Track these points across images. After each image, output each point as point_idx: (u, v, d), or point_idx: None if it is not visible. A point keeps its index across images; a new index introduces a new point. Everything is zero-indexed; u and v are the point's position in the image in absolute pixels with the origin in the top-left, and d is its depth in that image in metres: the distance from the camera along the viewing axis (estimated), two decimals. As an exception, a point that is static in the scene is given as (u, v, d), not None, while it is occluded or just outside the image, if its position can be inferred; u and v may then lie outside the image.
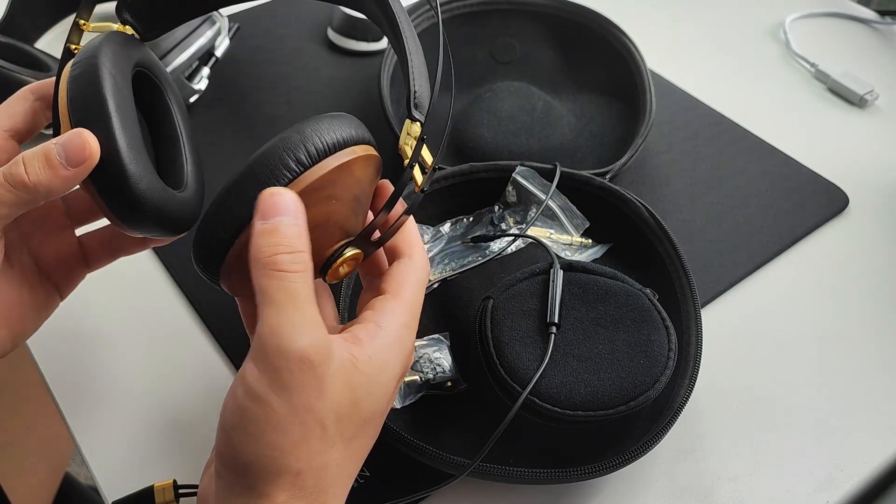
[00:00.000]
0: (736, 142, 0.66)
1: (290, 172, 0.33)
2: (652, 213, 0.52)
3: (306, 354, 0.29)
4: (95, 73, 0.35)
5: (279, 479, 0.30)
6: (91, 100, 0.35)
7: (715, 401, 0.49)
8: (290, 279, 0.30)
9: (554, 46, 0.71)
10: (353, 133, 0.35)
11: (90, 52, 0.37)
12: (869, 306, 0.55)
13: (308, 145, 0.33)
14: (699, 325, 0.47)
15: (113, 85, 0.36)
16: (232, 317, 0.53)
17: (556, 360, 0.42)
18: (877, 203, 0.62)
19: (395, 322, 0.34)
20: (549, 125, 0.63)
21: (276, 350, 0.29)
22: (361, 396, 0.32)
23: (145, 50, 0.42)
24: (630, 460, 0.41)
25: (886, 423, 0.48)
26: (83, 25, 0.40)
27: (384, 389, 0.33)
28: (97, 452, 0.47)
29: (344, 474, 0.33)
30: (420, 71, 0.36)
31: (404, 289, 0.35)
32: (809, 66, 0.75)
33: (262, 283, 0.31)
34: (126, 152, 0.35)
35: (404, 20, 0.37)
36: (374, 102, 0.62)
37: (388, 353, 0.33)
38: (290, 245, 0.31)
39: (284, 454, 0.30)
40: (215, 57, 0.69)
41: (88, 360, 0.51)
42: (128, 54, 0.39)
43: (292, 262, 0.31)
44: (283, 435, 0.30)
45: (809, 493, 0.45)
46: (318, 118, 0.34)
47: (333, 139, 0.34)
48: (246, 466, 0.30)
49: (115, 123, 0.35)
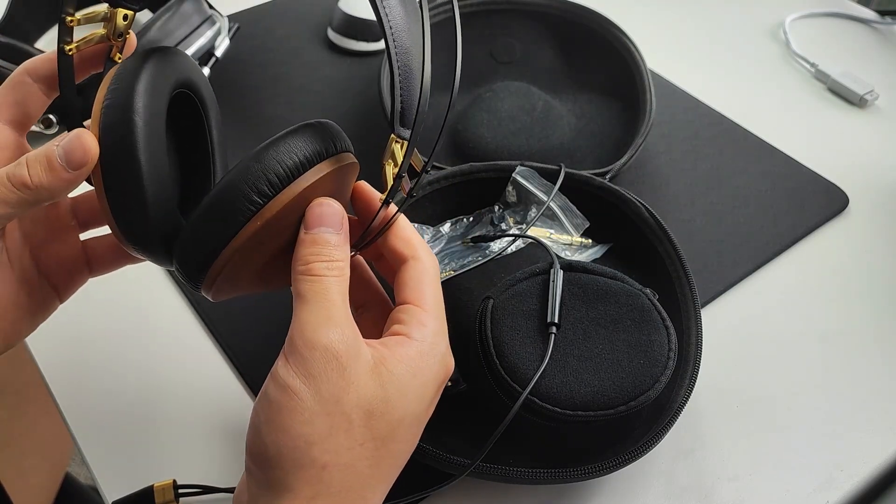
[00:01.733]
0: (736, 142, 0.66)
1: (253, 206, 0.32)
2: (652, 213, 0.52)
3: (333, 346, 0.31)
4: (129, 129, 0.34)
5: (304, 471, 0.30)
6: (121, 158, 0.34)
7: (715, 401, 0.49)
8: (323, 283, 0.32)
9: (554, 46, 0.71)
10: (317, 148, 0.34)
11: (126, 76, 0.35)
12: (869, 306, 0.55)
13: (270, 175, 0.32)
14: (699, 325, 0.47)
15: (146, 136, 0.34)
16: (232, 317, 0.53)
17: (556, 360, 0.42)
18: (877, 203, 0.62)
19: (424, 332, 0.34)
20: (549, 125, 0.63)
21: (305, 342, 0.31)
22: (392, 395, 0.32)
23: (187, 64, 0.40)
24: (630, 460, 0.41)
25: (886, 423, 0.48)
26: (71, 21, 0.37)
27: (419, 394, 0.33)
28: (97, 452, 0.47)
29: (376, 476, 0.32)
30: (406, 83, 0.35)
31: (425, 294, 0.35)
32: (809, 66, 0.75)
33: (297, 288, 0.32)
34: (148, 188, 0.34)
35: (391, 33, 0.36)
36: (374, 102, 0.62)
37: (421, 361, 0.33)
38: (329, 255, 0.33)
39: (310, 445, 0.30)
40: (215, 57, 0.69)
41: (88, 360, 0.51)
42: (165, 78, 0.37)
43: (327, 269, 0.32)
44: (310, 425, 0.30)
45: (809, 493, 0.45)
46: (278, 140, 0.33)
47: (295, 162, 0.33)
48: (273, 459, 0.31)
49: (146, 178, 0.34)
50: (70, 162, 0.34)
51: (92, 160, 0.34)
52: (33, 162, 0.34)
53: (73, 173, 0.34)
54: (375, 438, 0.32)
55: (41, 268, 0.41)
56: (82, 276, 0.43)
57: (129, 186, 0.34)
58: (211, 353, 0.52)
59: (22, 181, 0.34)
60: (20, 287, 0.40)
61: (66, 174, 0.34)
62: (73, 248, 0.42)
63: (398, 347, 0.33)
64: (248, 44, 0.75)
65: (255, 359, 0.51)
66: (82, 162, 0.34)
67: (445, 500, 0.45)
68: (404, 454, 0.34)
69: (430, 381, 0.34)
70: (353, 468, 0.31)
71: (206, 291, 0.36)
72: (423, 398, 0.33)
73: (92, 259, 0.43)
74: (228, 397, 0.49)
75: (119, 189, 0.35)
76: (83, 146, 0.34)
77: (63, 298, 0.43)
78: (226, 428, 0.48)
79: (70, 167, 0.34)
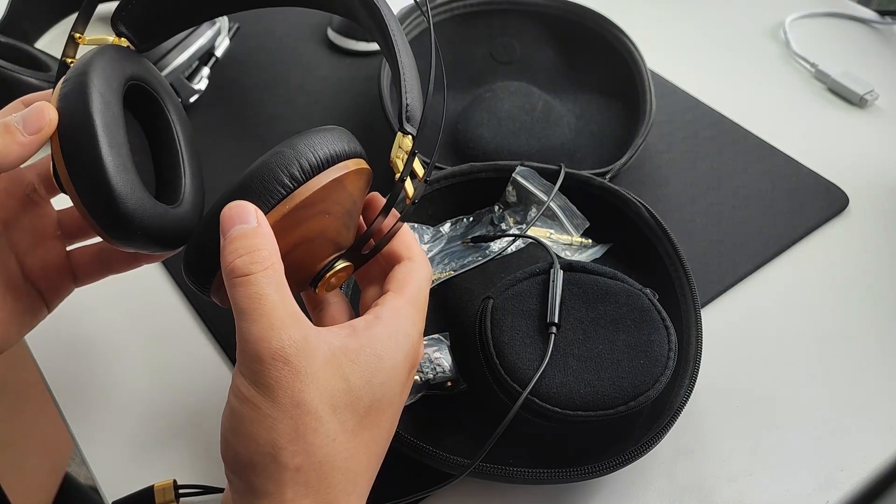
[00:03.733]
0: (736, 142, 0.66)
1: (283, 188, 0.33)
2: (652, 213, 0.52)
3: (281, 353, 0.30)
4: (83, 92, 0.35)
5: (280, 475, 0.30)
6: (78, 119, 0.35)
7: (715, 401, 0.49)
8: (252, 284, 0.31)
9: (554, 46, 0.71)
10: (346, 147, 0.35)
11: (80, 68, 0.36)
12: (869, 306, 0.55)
13: (301, 161, 0.33)
14: (699, 325, 0.47)
15: (101, 103, 0.35)
16: (233, 318, 0.53)
17: (556, 360, 0.42)
18: (877, 203, 0.62)
19: (395, 314, 0.34)
20: (549, 125, 0.63)
21: (251, 356, 0.30)
22: (357, 385, 0.32)
23: (141, 62, 0.42)
24: (630, 460, 0.41)
25: (886, 423, 0.48)
26: (79, 39, 0.41)
27: (386, 378, 0.33)
28: (97, 452, 0.47)
29: (356, 469, 0.32)
30: (412, 84, 0.36)
31: (407, 285, 0.35)
32: (809, 66, 0.75)
33: (230, 295, 0.32)
34: (112, 171, 0.35)
35: (396, 30, 0.37)
36: (374, 102, 0.62)
37: (388, 342, 0.33)
38: (247, 246, 0.31)
39: (279, 451, 0.30)
40: (215, 57, 0.69)
41: (88, 360, 0.51)
42: (121, 68, 0.39)
43: (250, 263, 0.31)
44: (274, 432, 0.30)
45: (809, 493, 0.45)
46: (311, 132, 0.34)
47: (326, 154, 0.34)
48: (247, 467, 0.31)
49: (102, 142, 0.35)
50: (27, 126, 0.34)
51: (49, 125, 0.35)
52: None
53: (28, 138, 0.34)
54: (346, 431, 0.31)
55: (27, 274, 0.42)
56: (67, 286, 0.44)
57: (88, 157, 0.35)
58: (211, 354, 0.52)
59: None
60: (7, 291, 0.40)
61: (22, 138, 0.34)
62: (59, 257, 0.43)
63: (365, 330, 0.33)
64: (248, 44, 0.75)
65: (255, 359, 0.51)
66: (39, 126, 0.34)
67: (445, 500, 0.45)
68: (382, 441, 0.34)
69: (400, 365, 0.33)
70: (329, 465, 0.31)
71: (215, 296, 0.36)
72: (391, 382, 0.33)
73: (77, 268, 0.44)
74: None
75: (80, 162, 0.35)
76: (41, 111, 0.35)
77: (51, 307, 0.43)
78: (226, 428, 0.48)
79: (27, 132, 0.34)
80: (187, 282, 0.36)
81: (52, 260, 0.42)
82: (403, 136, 0.35)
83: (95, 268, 0.44)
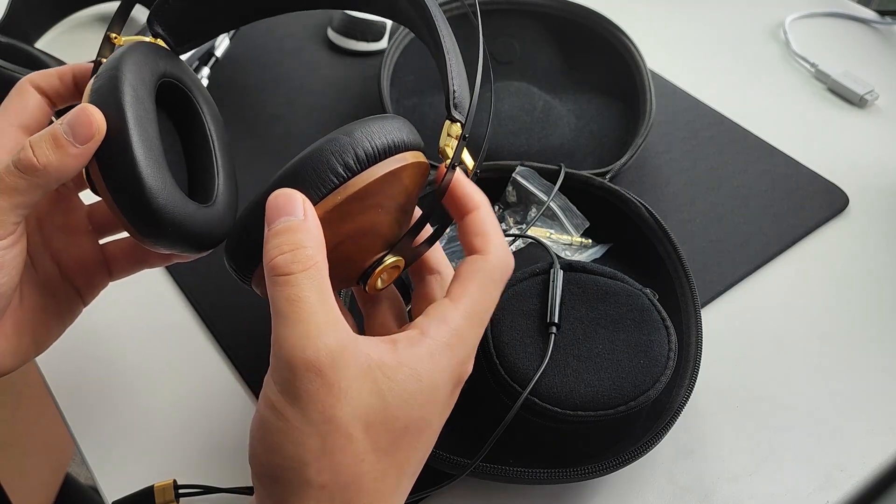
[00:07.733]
0: (736, 142, 0.66)
1: (336, 178, 0.31)
2: (652, 213, 0.52)
3: (316, 362, 0.28)
4: (115, 86, 0.34)
5: (303, 491, 0.29)
6: (109, 112, 0.34)
7: (715, 401, 0.49)
8: (292, 284, 0.29)
9: (554, 46, 0.71)
10: (405, 137, 0.33)
11: (113, 63, 0.35)
12: (869, 306, 0.55)
13: (357, 149, 0.31)
14: (699, 325, 0.47)
15: (133, 97, 0.34)
16: (233, 317, 0.53)
17: (556, 360, 0.42)
18: (877, 203, 0.62)
19: (443, 330, 0.31)
20: (549, 125, 0.63)
21: (284, 362, 0.28)
22: (394, 403, 0.29)
23: (174, 59, 0.40)
24: (630, 460, 0.41)
25: (886, 423, 0.48)
26: (115, 39, 0.39)
27: (425, 399, 0.30)
28: (97, 452, 0.47)
29: (384, 490, 0.30)
30: (458, 70, 0.35)
31: (467, 292, 0.32)
32: (809, 66, 0.75)
33: (269, 293, 0.30)
34: (144, 165, 0.33)
35: (441, 20, 0.36)
36: (374, 102, 0.62)
37: (428, 363, 0.30)
38: (291, 241, 0.29)
39: (304, 467, 0.29)
40: (215, 57, 0.69)
41: (88, 360, 0.51)
42: (153, 64, 0.37)
43: (291, 262, 0.29)
44: (301, 447, 0.28)
45: (809, 493, 0.45)
46: (369, 120, 0.32)
47: (384, 143, 0.32)
48: (272, 478, 0.30)
49: (133, 136, 0.33)
50: (77, 136, 0.33)
51: (99, 132, 0.33)
52: (38, 143, 0.33)
53: (80, 148, 0.33)
54: (377, 450, 0.30)
55: (62, 271, 0.41)
56: (103, 279, 0.43)
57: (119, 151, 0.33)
58: (211, 353, 0.52)
59: (29, 164, 0.33)
60: (45, 290, 0.39)
61: (74, 149, 0.33)
62: (92, 252, 0.42)
63: (406, 348, 0.30)
64: (248, 44, 0.75)
65: (255, 359, 0.51)
66: (89, 135, 0.33)
67: (445, 500, 0.45)
68: (416, 462, 0.32)
69: (441, 385, 0.31)
70: (356, 485, 0.29)
71: (257, 287, 0.34)
72: (431, 403, 0.31)
73: (111, 262, 0.43)
74: (228, 397, 0.49)
75: (110, 156, 0.33)
76: (88, 118, 0.33)
77: (86, 301, 0.43)
78: (226, 428, 0.48)
79: (77, 142, 0.33)
80: (227, 269, 0.34)
81: (88, 256, 0.41)
82: (452, 123, 0.34)
83: (131, 262, 0.43)
